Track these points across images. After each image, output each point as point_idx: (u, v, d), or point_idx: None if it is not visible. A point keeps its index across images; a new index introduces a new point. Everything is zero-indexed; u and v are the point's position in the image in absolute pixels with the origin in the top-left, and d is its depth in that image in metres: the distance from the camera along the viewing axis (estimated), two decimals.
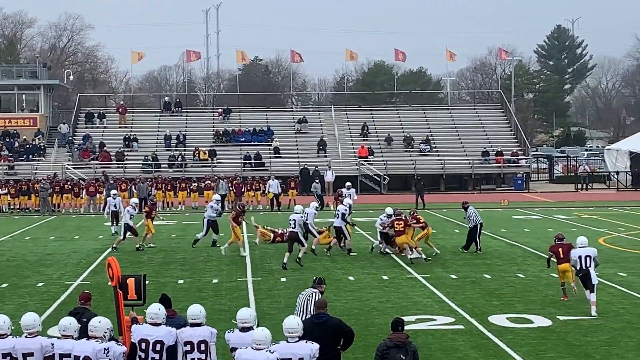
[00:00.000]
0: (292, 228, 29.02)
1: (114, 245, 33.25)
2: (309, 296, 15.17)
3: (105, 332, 12.14)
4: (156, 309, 12.83)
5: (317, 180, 55.57)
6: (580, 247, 21.35)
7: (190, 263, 29.98)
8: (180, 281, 26.22)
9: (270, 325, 18.25)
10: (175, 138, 68.00)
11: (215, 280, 26.22)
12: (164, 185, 53.56)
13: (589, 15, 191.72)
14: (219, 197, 36.53)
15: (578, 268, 21.09)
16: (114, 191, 41.30)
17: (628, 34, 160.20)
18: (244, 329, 12.40)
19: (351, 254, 31.01)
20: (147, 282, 14.28)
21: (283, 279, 26.20)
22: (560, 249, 22.39)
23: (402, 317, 13.34)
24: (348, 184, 45.06)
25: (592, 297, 20.81)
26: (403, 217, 29.61)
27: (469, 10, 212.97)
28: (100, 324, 12.16)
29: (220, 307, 21.80)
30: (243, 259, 30.65)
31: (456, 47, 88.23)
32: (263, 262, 29.93)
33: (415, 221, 29.83)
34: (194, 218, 44.33)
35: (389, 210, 30.64)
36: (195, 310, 12.80)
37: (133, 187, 52.32)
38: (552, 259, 22.81)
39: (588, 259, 20.96)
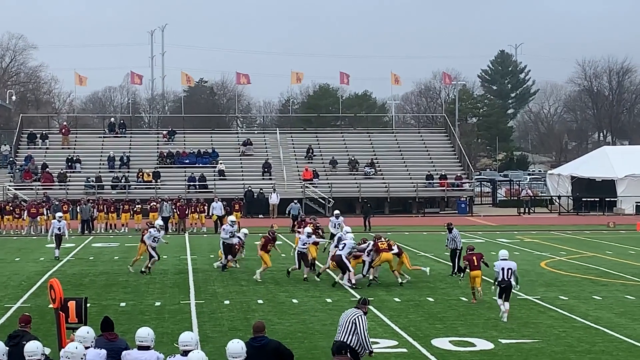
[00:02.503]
0: (340, 250, 29.11)
1: (149, 266, 32.55)
2: (353, 317, 15.21)
3: (82, 358, 11.95)
4: (84, 332, 12.74)
5: (295, 201, 55.27)
6: (502, 260, 23.24)
7: (132, 286, 29.74)
8: (123, 304, 25.98)
9: (213, 348, 18.15)
10: (119, 159, 67.59)
11: (157, 303, 26.02)
12: (106, 206, 53.06)
13: (531, 41, 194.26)
14: (234, 219, 35.23)
15: (500, 279, 22.92)
16: (59, 214, 40.80)
17: (570, 59, 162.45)
18: (186, 352, 12.34)
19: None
20: (88, 304, 14.14)
21: (226, 302, 26.09)
22: (473, 257, 25.52)
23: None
24: (337, 212, 42.21)
25: (506, 305, 22.83)
26: (384, 240, 29.72)
27: (413, 34, 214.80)
28: (77, 349, 11.91)
29: (162, 330, 21.60)
30: (186, 281, 30.49)
31: (401, 71, 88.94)
32: (206, 284, 29.76)
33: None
34: (137, 240, 43.87)
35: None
36: (144, 333, 12.75)
37: (78, 208, 51.85)
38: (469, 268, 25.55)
39: (509, 271, 22.94)
